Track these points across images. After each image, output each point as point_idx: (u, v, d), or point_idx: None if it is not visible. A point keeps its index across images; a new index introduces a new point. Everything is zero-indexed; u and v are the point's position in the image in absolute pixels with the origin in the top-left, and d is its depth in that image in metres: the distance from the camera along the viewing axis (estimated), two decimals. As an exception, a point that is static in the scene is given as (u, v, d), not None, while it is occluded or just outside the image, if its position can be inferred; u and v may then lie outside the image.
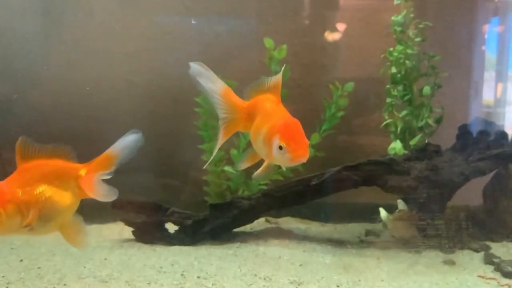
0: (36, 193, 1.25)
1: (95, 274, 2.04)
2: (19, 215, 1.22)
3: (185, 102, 3.25)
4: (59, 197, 1.29)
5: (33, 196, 1.24)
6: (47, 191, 1.27)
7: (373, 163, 2.69)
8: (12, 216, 1.20)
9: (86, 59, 3.26)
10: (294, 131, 1.36)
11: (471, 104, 3.49)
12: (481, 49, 3.46)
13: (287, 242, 2.68)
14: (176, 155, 3.31)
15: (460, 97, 3.47)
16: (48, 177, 1.28)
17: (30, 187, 1.24)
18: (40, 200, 1.25)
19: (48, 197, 1.27)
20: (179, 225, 2.63)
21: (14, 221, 1.21)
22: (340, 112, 3.06)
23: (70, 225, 1.36)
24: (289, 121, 1.40)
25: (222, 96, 1.48)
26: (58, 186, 1.30)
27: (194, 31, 3.42)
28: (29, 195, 1.23)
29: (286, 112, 1.48)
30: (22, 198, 1.22)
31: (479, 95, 3.46)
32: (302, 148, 1.34)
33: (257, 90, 1.56)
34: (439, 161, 2.77)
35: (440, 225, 2.68)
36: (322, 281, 2.09)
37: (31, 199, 1.23)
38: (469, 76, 3.45)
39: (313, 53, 3.40)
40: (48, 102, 3.27)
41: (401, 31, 3.02)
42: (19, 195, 1.22)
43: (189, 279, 2.04)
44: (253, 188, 2.97)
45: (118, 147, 1.43)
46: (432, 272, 2.28)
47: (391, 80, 3.06)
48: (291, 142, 1.33)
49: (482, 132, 2.91)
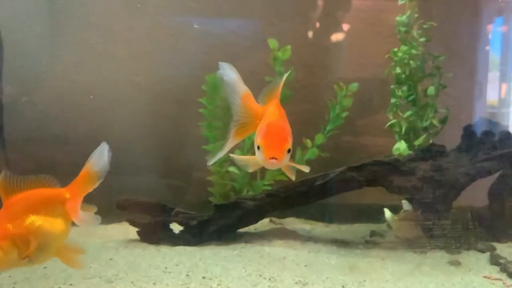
0: (27, 224, 1.27)
1: (101, 274, 2.05)
2: (15, 249, 1.24)
3: (188, 103, 3.27)
4: (50, 225, 1.32)
5: (25, 228, 1.26)
6: (37, 221, 1.29)
7: (377, 164, 2.68)
8: (9, 252, 1.22)
9: (90, 60, 3.28)
10: (274, 133, 1.38)
11: (475, 105, 3.48)
12: (485, 49, 3.45)
13: (292, 243, 2.68)
14: (179, 156, 3.32)
15: (464, 97, 3.47)
16: (36, 207, 1.31)
17: (19, 220, 1.27)
18: (32, 230, 1.27)
19: (39, 226, 1.29)
20: (184, 226, 2.63)
21: (12, 256, 1.23)
22: (345, 112, 3.06)
23: (65, 248, 1.38)
24: (273, 124, 1.42)
25: (242, 99, 1.49)
26: (47, 214, 1.32)
27: (198, 32, 3.43)
28: (20, 228, 1.26)
29: (278, 116, 1.49)
30: (14, 232, 1.24)
31: (483, 95, 3.45)
32: (277, 150, 1.35)
33: (266, 95, 1.57)
34: (444, 161, 2.77)
35: (446, 226, 2.67)
36: (327, 281, 2.09)
37: (23, 231, 1.26)
38: (473, 76, 3.44)
39: (317, 54, 3.40)
40: (53, 102, 3.29)
41: (406, 31, 3.02)
42: (10, 230, 1.24)
43: (194, 280, 2.04)
44: (258, 188, 2.97)
45: (94, 163, 1.43)
46: (437, 273, 2.28)
47: (395, 80, 3.06)
48: (267, 143, 1.35)
49: (487, 133, 2.89)
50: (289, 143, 1.39)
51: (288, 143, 1.38)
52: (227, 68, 1.50)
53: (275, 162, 1.35)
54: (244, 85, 1.52)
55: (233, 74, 1.50)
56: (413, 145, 2.99)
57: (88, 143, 3.29)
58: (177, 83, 3.34)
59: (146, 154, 3.30)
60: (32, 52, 3.23)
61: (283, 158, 1.36)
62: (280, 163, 1.37)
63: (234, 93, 1.50)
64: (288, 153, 1.38)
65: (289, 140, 1.39)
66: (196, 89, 3.06)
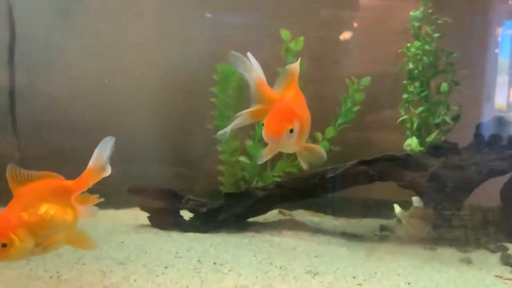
0: (41, 212, 1.29)
1: (113, 256, 2.05)
2: (30, 237, 1.26)
3: (198, 93, 3.26)
4: (62, 214, 1.34)
5: (39, 216, 1.28)
6: (50, 210, 1.31)
7: (389, 158, 2.67)
8: (25, 240, 1.24)
9: (101, 49, 3.28)
10: (278, 112, 1.41)
11: (486, 103, 3.46)
12: (494, 52, 3.43)
13: (301, 234, 2.68)
14: (188, 145, 3.32)
15: (476, 96, 3.45)
16: (47, 196, 1.33)
17: (33, 209, 1.28)
18: (47, 218, 1.29)
19: (53, 214, 1.31)
20: (194, 213, 2.63)
21: (28, 244, 1.25)
22: (356, 106, 3.05)
23: (76, 236, 1.42)
24: (279, 104, 1.45)
25: (256, 86, 1.50)
26: (58, 203, 1.34)
27: (209, 23, 3.42)
28: (35, 216, 1.27)
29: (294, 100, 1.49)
30: (29, 220, 1.26)
31: (491, 97, 3.43)
32: (276, 127, 1.37)
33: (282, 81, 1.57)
34: (456, 159, 2.75)
35: (457, 224, 2.66)
36: (338, 272, 2.09)
37: (38, 219, 1.28)
38: (482, 78, 3.42)
39: (328, 47, 3.39)
40: (63, 90, 3.29)
41: (419, 27, 3.00)
42: (25, 218, 1.25)
43: (206, 265, 2.04)
44: (267, 179, 2.97)
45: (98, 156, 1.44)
46: (448, 269, 2.27)
47: (408, 75, 3.05)
48: (269, 120, 1.39)
49: (500, 132, 2.88)
50: (292, 123, 1.39)
51: (290, 123, 1.39)
52: (239, 58, 1.51)
53: (274, 139, 1.37)
54: (258, 72, 1.52)
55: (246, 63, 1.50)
56: (424, 141, 2.98)
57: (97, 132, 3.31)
58: (187, 74, 3.34)
59: (155, 143, 3.31)
60: (43, 39, 3.24)
61: (282, 135, 1.37)
62: (280, 141, 1.38)
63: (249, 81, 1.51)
64: (291, 134, 1.38)
65: (293, 121, 1.40)
66: (206, 79, 3.07)
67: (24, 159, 3.19)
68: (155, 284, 1.78)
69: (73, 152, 3.20)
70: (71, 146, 3.21)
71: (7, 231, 1.21)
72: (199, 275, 1.90)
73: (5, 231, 1.20)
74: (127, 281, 1.79)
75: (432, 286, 2.01)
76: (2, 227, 1.21)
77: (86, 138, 3.22)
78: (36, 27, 3.20)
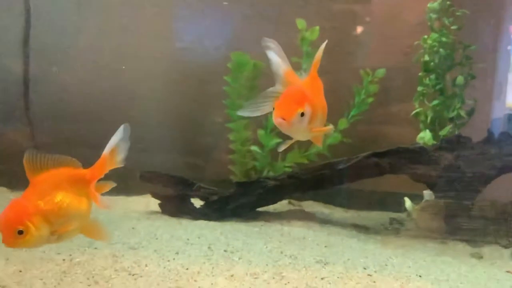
0: (57, 200, 1.29)
1: (124, 241, 2.06)
2: (46, 225, 1.26)
3: (210, 82, 3.26)
4: (78, 203, 1.35)
5: (55, 204, 1.29)
6: (66, 198, 1.32)
7: (403, 151, 2.65)
8: (41, 228, 1.24)
9: (115, 37, 3.28)
10: (288, 95, 1.37)
11: (501, 99, 3.40)
12: (507, 49, 3.36)
13: (311, 225, 2.67)
14: (200, 134, 3.32)
15: (491, 90, 3.39)
16: (63, 185, 1.33)
17: (49, 197, 1.29)
18: (63, 207, 1.30)
19: (69, 203, 1.32)
20: (205, 201, 2.64)
21: (43, 232, 1.25)
22: (370, 98, 3.03)
23: (90, 225, 1.42)
24: (290, 88, 1.40)
25: (284, 76, 1.48)
26: (74, 192, 1.35)
27: (223, 12, 3.40)
28: (51, 204, 1.28)
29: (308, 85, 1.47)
30: (45, 208, 1.27)
31: (503, 95, 3.37)
32: (286, 110, 1.33)
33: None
34: (470, 153, 2.72)
35: (469, 218, 2.64)
36: (348, 262, 2.08)
37: (54, 207, 1.28)
38: (494, 74, 3.36)
39: (342, 39, 3.36)
40: (77, 77, 3.31)
41: (437, 19, 2.96)
42: (41, 206, 1.26)
43: (216, 252, 2.04)
44: (278, 169, 2.97)
45: (114, 144, 1.43)
46: (459, 264, 2.25)
47: (423, 68, 3.00)
48: (278, 104, 1.35)
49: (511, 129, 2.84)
50: (303, 107, 1.34)
51: (300, 106, 1.34)
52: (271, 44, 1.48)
53: (283, 123, 1.33)
54: (286, 62, 1.50)
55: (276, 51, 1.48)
56: (438, 135, 2.95)
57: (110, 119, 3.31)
58: (199, 62, 3.33)
59: (167, 131, 3.31)
60: (57, 27, 3.24)
61: (292, 119, 1.33)
62: (290, 125, 1.33)
63: (277, 70, 1.48)
64: (302, 117, 1.35)
65: (303, 104, 1.35)
66: (218, 68, 3.06)
67: (37, 146, 3.22)
68: (166, 269, 1.79)
69: (86, 139, 3.22)
70: (84, 134, 3.23)
71: (23, 218, 1.22)
72: (209, 262, 1.91)
73: (22, 218, 1.21)
74: (138, 265, 1.80)
75: (443, 279, 1.99)
76: (18, 214, 1.22)
77: (99, 125, 3.27)
78: (51, 14, 3.21)
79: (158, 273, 1.75)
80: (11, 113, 3.31)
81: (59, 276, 1.64)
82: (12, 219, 1.21)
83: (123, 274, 1.71)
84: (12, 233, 1.20)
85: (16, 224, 1.20)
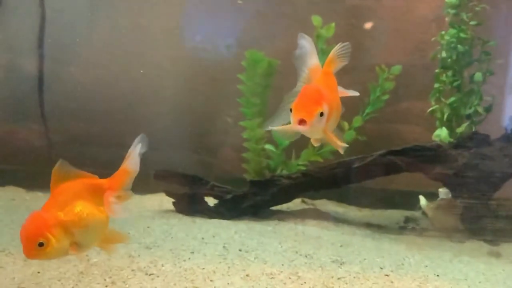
0: (77, 211, 1.29)
1: (140, 241, 2.07)
2: (66, 236, 1.26)
3: (224, 81, 3.25)
4: (98, 212, 1.34)
5: (75, 215, 1.28)
6: (86, 208, 1.31)
7: (419, 149, 2.62)
8: (61, 239, 1.24)
9: (128, 35, 3.28)
10: (305, 95, 1.33)
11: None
12: None
13: (325, 224, 2.65)
14: (212, 133, 3.32)
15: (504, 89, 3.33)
16: (83, 195, 1.32)
17: (69, 207, 1.28)
18: (83, 217, 1.30)
19: (89, 213, 1.31)
20: (219, 199, 2.64)
21: (64, 243, 1.25)
22: (386, 95, 2.99)
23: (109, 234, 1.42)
24: (307, 87, 1.37)
25: (310, 72, 1.46)
26: (92, 202, 1.34)
27: (235, 9, 3.38)
28: (71, 215, 1.28)
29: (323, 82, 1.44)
30: (65, 219, 1.26)
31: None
32: (306, 111, 1.29)
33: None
34: (488, 150, 2.68)
35: (486, 217, 2.59)
36: (365, 262, 2.06)
37: (74, 218, 1.28)
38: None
39: (358, 35, 3.31)
40: (90, 76, 3.32)
41: (455, 14, 2.90)
42: (61, 217, 1.26)
43: (231, 251, 2.04)
44: (292, 168, 2.95)
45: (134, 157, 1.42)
46: (477, 262, 2.22)
47: (440, 64, 2.95)
48: (296, 105, 1.31)
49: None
50: (322, 107, 1.31)
51: (319, 106, 1.31)
52: (305, 40, 1.45)
53: (304, 125, 1.30)
54: (316, 59, 1.48)
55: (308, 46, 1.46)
56: (454, 132, 2.90)
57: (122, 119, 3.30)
58: (212, 61, 3.32)
59: (179, 130, 3.32)
60: (71, 25, 3.26)
61: (313, 120, 1.29)
62: (310, 127, 1.30)
63: (304, 64, 1.46)
64: (321, 118, 1.31)
65: (322, 104, 1.32)
66: (232, 66, 3.04)
67: (51, 145, 3.25)
68: (182, 269, 1.79)
69: (100, 138, 3.25)
70: (97, 133, 3.25)
71: (43, 230, 1.21)
72: (225, 261, 1.91)
73: (42, 230, 1.21)
74: (154, 265, 1.80)
75: (462, 278, 1.97)
76: (38, 226, 1.22)
77: (112, 124, 3.29)
78: (65, 12, 3.23)
79: (175, 273, 1.76)
80: (25, 113, 3.34)
81: (76, 277, 1.65)
82: (32, 231, 1.21)
83: (140, 274, 1.71)
84: (33, 245, 1.20)
85: (36, 236, 1.20)
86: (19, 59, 3.32)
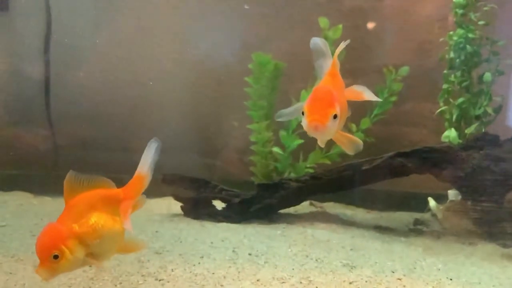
0: (92, 222, 1.29)
1: (149, 245, 2.06)
2: (82, 248, 1.26)
3: (229, 84, 3.24)
4: (113, 223, 1.33)
5: (90, 226, 1.28)
6: (101, 219, 1.30)
7: (428, 150, 2.59)
8: (76, 251, 1.24)
9: (134, 38, 3.28)
10: (318, 98, 1.32)
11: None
12: None
13: (334, 227, 2.63)
14: (219, 136, 3.31)
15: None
16: (97, 206, 1.32)
17: (84, 219, 1.28)
18: (98, 229, 1.29)
19: (104, 224, 1.30)
20: (227, 203, 2.62)
21: (79, 255, 1.25)
22: (393, 97, 2.96)
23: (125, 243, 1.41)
24: (318, 89, 1.36)
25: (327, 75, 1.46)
26: (108, 212, 1.33)
27: (240, 11, 3.37)
28: (85, 226, 1.27)
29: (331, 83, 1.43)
30: (80, 231, 1.26)
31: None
32: (320, 114, 1.28)
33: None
34: (498, 151, 2.64)
35: (497, 219, 2.56)
36: (376, 266, 2.04)
37: (88, 229, 1.28)
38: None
39: (363, 36, 3.30)
40: (96, 79, 3.32)
41: (463, 14, 2.87)
42: (76, 229, 1.25)
43: (241, 256, 2.02)
44: (300, 170, 2.93)
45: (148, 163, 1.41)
46: (490, 265, 2.19)
47: (449, 65, 2.92)
48: (310, 108, 1.30)
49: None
50: (335, 109, 1.30)
51: (333, 108, 1.29)
52: (321, 44, 1.47)
53: (319, 127, 1.28)
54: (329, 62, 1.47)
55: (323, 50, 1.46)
56: (463, 133, 2.87)
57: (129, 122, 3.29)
58: (218, 63, 3.32)
59: (185, 133, 3.31)
60: (77, 28, 3.26)
61: (327, 123, 1.28)
62: (325, 130, 1.29)
63: (322, 68, 1.46)
64: (335, 120, 1.30)
65: (335, 106, 1.30)
66: (238, 69, 3.03)
67: (57, 149, 3.25)
68: (192, 274, 1.78)
69: (106, 142, 3.24)
70: (104, 137, 3.24)
71: (58, 243, 1.21)
72: (235, 266, 1.89)
73: (57, 242, 1.21)
74: (164, 270, 1.79)
75: (475, 281, 1.94)
76: (53, 239, 1.22)
77: (119, 128, 3.28)
78: (71, 16, 3.23)
79: (185, 278, 1.74)
80: (31, 117, 3.34)
81: (87, 283, 1.64)
82: (47, 244, 1.21)
83: (150, 280, 1.70)
84: (47, 258, 1.20)
85: (51, 249, 1.20)
86: (25, 64, 3.33)
